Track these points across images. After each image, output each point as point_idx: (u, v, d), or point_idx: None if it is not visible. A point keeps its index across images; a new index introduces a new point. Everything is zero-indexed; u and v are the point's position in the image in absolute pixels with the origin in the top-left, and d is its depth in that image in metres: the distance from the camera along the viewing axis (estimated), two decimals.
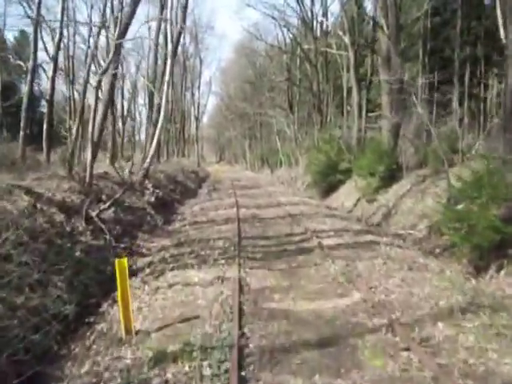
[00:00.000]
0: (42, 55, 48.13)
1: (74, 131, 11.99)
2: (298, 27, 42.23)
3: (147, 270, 8.48)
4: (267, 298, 6.55)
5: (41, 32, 26.25)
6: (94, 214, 10.46)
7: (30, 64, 20.36)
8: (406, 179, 16.28)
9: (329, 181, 21.94)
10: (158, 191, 17.42)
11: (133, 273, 8.62)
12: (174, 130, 44.26)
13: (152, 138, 18.24)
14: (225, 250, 9.43)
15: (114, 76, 14.60)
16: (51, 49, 27.75)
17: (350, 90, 31.90)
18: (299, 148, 33.84)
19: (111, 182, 14.76)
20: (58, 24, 21.71)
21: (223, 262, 8.45)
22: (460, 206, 11.24)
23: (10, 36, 63.48)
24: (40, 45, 30.01)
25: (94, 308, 7.10)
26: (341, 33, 28.68)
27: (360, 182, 18.93)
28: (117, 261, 5.43)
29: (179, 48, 37.28)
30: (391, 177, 17.25)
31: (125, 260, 5.47)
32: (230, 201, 19.01)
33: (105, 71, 12.33)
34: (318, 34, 36.94)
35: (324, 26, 36.20)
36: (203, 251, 9.43)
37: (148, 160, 16.52)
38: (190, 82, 48.19)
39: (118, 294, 5.50)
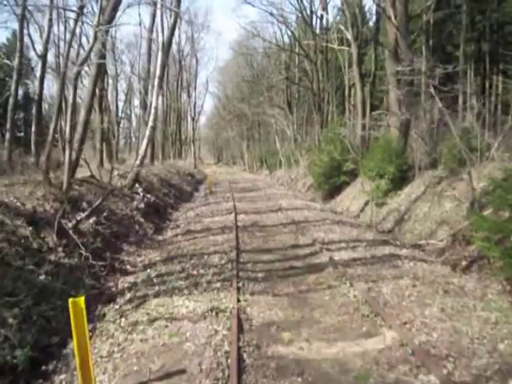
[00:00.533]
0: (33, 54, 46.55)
1: (67, 132, 10.46)
2: (297, 23, 40.77)
3: (128, 295, 7.00)
4: (274, 339, 5.07)
5: (28, 28, 24.83)
6: (70, 225, 8.99)
7: (16, 62, 18.94)
8: (418, 181, 14.86)
9: (332, 183, 20.51)
10: (149, 196, 15.95)
11: (111, 298, 7.18)
12: (169, 131, 42.76)
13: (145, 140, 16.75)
14: (221, 269, 7.96)
15: (100, 67, 13.08)
16: (40, 47, 26.42)
17: (352, 88, 30.56)
18: (299, 148, 32.39)
19: (96, 187, 13.28)
20: (45, 21, 20.30)
21: (218, 285, 6.98)
22: (488, 212, 9.86)
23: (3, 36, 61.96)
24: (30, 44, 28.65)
25: (56, 348, 5.64)
26: (342, 27, 27.28)
27: (367, 183, 17.53)
28: (70, 301, 3.95)
29: (174, 46, 35.86)
30: (402, 178, 15.83)
31: (81, 300, 3.99)
32: (227, 205, 17.55)
33: (84, 61, 10.83)
34: (318, 30, 35.53)
35: (324, 21, 34.80)
36: (195, 270, 7.96)
37: (138, 162, 15.05)
38: (186, 82, 46.71)
39: (74, 344, 4.03)
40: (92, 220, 10.02)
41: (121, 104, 43.83)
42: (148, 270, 8.43)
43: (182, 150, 55.46)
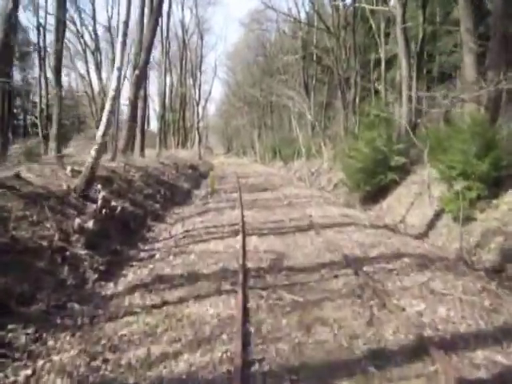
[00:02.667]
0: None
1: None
2: None
3: None
4: None
5: None
6: None
7: None
8: None
9: (376, 182, 14.84)
10: (115, 203, 10.49)
11: None
12: (171, 118, 37.20)
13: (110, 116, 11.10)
14: None
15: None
16: None
17: (392, 62, 24.74)
18: (322, 136, 26.61)
19: (17, 198, 7.84)
20: None
21: None
22: None
23: None
24: None
25: None
26: None
27: (435, 185, 11.93)
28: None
29: (177, 21, 30.28)
30: (497, 181, 10.19)
31: None
32: (232, 215, 12.00)
33: None
34: None
35: None
36: None
37: (93, 152, 9.45)
38: (191, 63, 40.92)
39: None
40: None
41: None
42: None
43: (189, 139, 49.94)
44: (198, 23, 41.37)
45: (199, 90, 41.02)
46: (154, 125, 51.44)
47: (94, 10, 34.72)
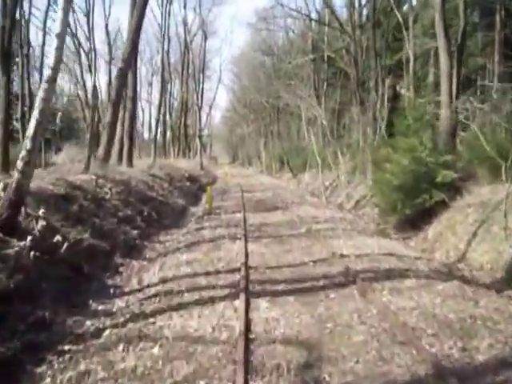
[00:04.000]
0: None
1: None
2: None
3: None
4: None
5: None
6: None
7: None
8: None
9: (418, 203, 11.42)
10: (60, 238, 7.17)
11: None
12: (171, 124, 33.96)
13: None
14: None
15: None
16: None
17: (419, 60, 21.42)
18: (338, 146, 23.21)
19: None
20: None
21: None
22: None
23: None
24: None
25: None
26: None
27: None
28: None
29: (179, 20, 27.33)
30: None
31: None
32: (231, 252, 8.57)
33: None
34: None
35: None
36: None
37: (20, 165, 6.12)
38: (193, 65, 37.68)
39: None
40: None
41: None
42: None
43: (191, 148, 46.69)
44: (201, 23, 38.30)
45: (201, 94, 37.85)
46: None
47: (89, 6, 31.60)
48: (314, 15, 38.06)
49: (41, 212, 7.39)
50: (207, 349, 4.30)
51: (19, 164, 6.22)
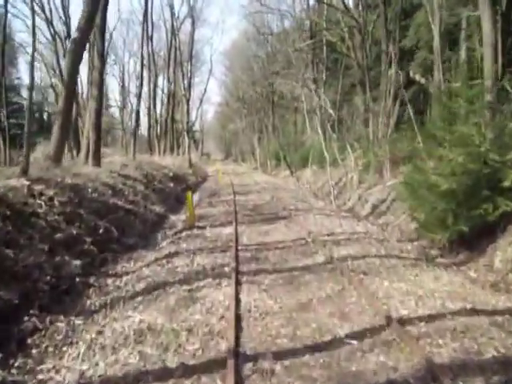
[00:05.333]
0: None
1: None
2: None
3: None
4: None
5: None
6: None
7: None
8: None
9: (478, 215, 8.06)
10: None
11: None
12: (155, 117, 30.38)
13: None
14: None
15: None
16: None
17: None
18: (345, 139, 19.80)
19: None
20: None
21: None
22: None
23: None
24: None
25: None
26: None
27: None
28: None
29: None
30: None
31: None
32: (214, 308, 5.16)
33: None
34: None
35: None
36: None
37: None
38: (180, 54, 34.02)
39: None
40: None
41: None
42: None
43: (180, 143, 43.13)
44: (189, 8, 34.58)
45: (189, 84, 33.96)
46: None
47: None
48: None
49: None
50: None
51: None
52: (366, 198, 15.56)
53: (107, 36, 24.08)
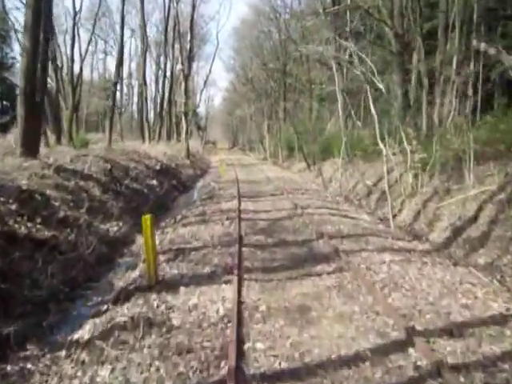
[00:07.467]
0: None
1: None
2: None
3: None
4: None
5: None
6: None
7: None
8: None
9: None
10: None
11: None
12: (150, 97, 24.93)
13: None
14: None
15: None
16: None
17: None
18: (385, 126, 14.12)
19: None
20: None
21: None
22: None
23: None
24: None
25: None
26: None
27: None
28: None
29: None
30: None
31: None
32: None
33: None
34: None
35: None
36: None
37: None
38: (178, 25, 28.33)
39: None
40: None
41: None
42: None
43: (181, 130, 37.65)
44: None
45: (189, 57, 28.07)
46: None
47: None
48: None
49: None
50: None
51: None
52: (434, 212, 10.13)
53: None
